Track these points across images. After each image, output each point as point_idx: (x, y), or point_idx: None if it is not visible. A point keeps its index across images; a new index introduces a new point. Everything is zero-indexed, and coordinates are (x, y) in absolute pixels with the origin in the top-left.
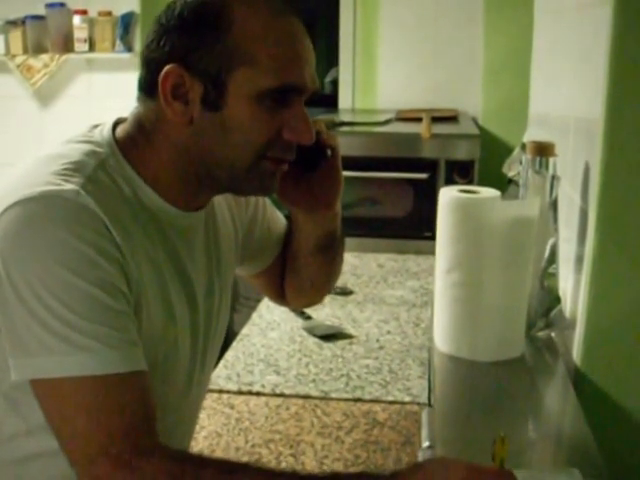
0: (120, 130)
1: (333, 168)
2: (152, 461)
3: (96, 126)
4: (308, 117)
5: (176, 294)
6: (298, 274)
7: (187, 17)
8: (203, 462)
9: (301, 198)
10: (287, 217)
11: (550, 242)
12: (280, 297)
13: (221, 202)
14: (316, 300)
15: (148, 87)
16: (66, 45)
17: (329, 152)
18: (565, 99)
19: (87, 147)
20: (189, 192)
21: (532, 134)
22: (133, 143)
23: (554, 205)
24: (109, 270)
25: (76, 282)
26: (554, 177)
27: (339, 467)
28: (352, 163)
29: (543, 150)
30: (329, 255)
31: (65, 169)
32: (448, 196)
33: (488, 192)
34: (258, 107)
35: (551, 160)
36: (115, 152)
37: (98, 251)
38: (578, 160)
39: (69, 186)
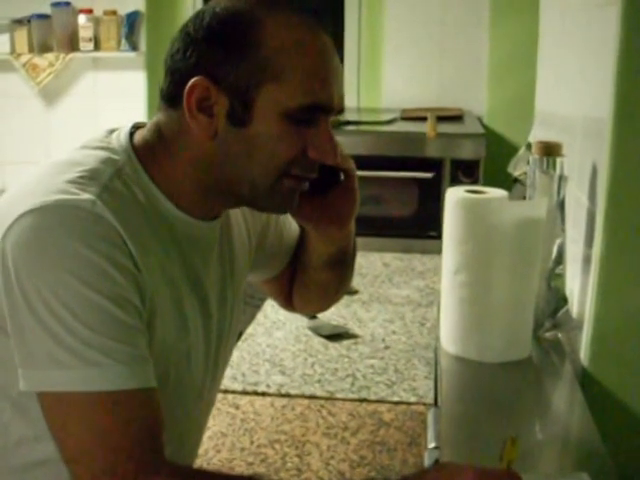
0: (138, 137)
1: (348, 189)
2: (156, 479)
3: (112, 131)
4: (334, 137)
5: (190, 305)
6: (307, 285)
7: (216, 29)
8: (208, 478)
9: (314, 216)
10: (301, 227)
11: (557, 242)
12: (288, 303)
13: (236, 209)
14: (323, 308)
15: (171, 97)
16: (71, 44)
17: (342, 176)
18: (572, 98)
19: (103, 154)
20: (206, 203)
21: (538, 133)
22: (151, 152)
23: (561, 205)
24: (122, 283)
25: (88, 294)
26: (561, 177)
27: (345, 468)
28: (357, 162)
29: (550, 150)
30: (340, 270)
31: (81, 177)
32: (455, 196)
33: (495, 192)
34: (284, 124)
35: (558, 160)
36: (132, 160)
37: (112, 264)
38: (585, 160)
39: (85, 195)
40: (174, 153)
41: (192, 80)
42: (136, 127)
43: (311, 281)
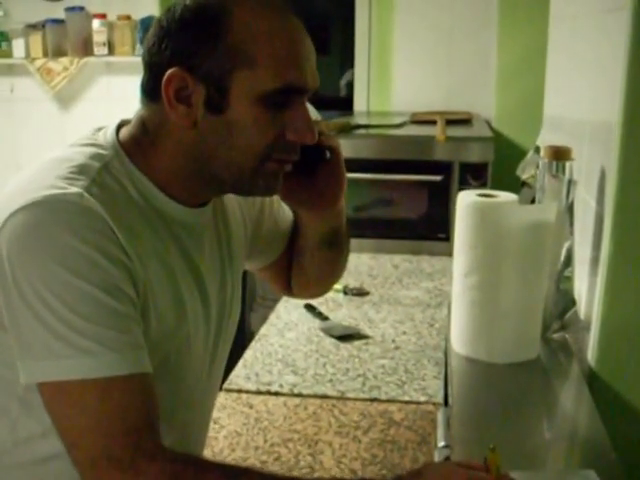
0: (124, 132)
1: (335, 166)
2: (154, 464)
3: (100, 129)
4: (310, 117)
5: (188, 291)
6: (304, 268)
7: (188, 20)
8: (205, 466)
9: (304, 197)
10: (294, 211)
11: (566, 245)
12: (287, 289)
13: (230, 196)
14: (322, 292)
15: (151, 90)
16: (85, 48)
17: (328, 154)
18: (581, 102)
19: (91, 150)
20: (194, 191)
21: (546, 137)
22: (137, 145)
23: (570, 209)
24: (113, 272)
25: (79, 284)
26: (570, 181)
27: (357, 466)
28: (367, 165)
29: (560, 154)
30: (335, 250)
31: (70, 172)
32: (466, 200)
33: (505, 196)
34: (260, 109)
35: (567, 164)
36: (119, 154)
37: (102, 253)
38: (593, 164)
39: (73, 189)
40: (158, 144)
41: (168, 72)
42: (122, 124)
43: (307, 264)
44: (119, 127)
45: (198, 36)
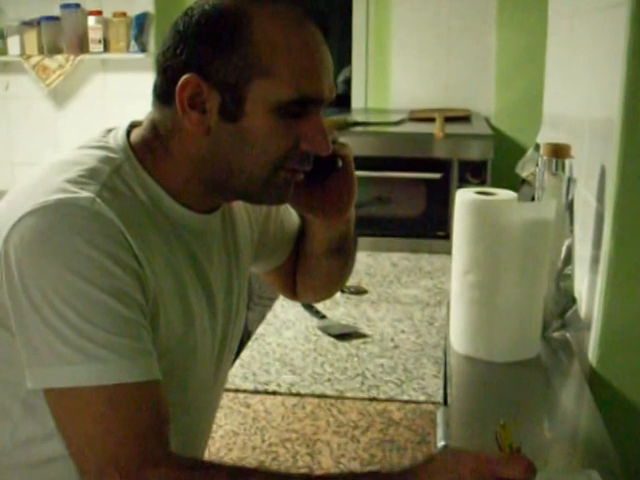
0: (135, 135)
1: (346, 175)
2: (161, 471)
3: (110, 130)
4: (325, 128)
5: (195, 297)
6: (310, 273)
7: (205, 26)
8: (213, 469)
9: (314, 205)
10: (301, 216)
11: (566, 243)
12: (291, 293)
13: (238, 201)
14: (327, 296)
15: (164, 94)
16: (81, 46)
17: (340, 163)
18: (580, 99)
19: (102, 153)
20: (204, 197)
21: (546, 135)
22: (148, 149)
23: (570, 207)
24: (124, 279)
25: (90, 291)
26: (570, 179)
27: (355, 466)
28: (365, 163)
29: (559, 152)
30: (342, 256)
31: (80, 176)
32: (465, 198)
33: (505, 194)
34: (276, 118)
35: (567, 162)
36: (130, 157)
37: (113, 260)
38: (594, 162)
39: (84, 194)
40: (170, 150)
41: (183, 77)
42: (133, 126)
43: (314, 269)
44: (130, 128)
45: (215, 43)
